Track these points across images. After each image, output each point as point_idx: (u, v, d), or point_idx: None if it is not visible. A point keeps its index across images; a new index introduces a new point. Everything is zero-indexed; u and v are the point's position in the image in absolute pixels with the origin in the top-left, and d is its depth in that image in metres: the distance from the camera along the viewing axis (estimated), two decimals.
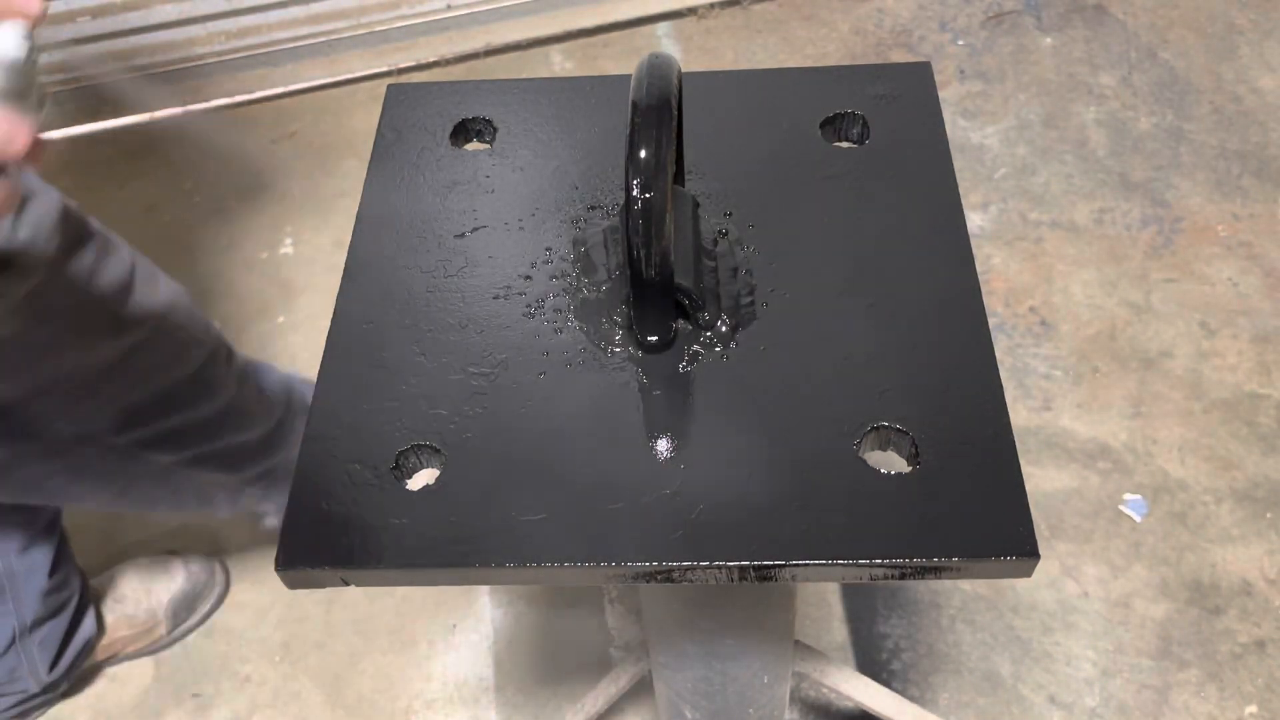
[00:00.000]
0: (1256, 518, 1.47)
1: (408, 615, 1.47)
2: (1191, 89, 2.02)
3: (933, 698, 1.36)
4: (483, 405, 0.58)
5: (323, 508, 0.55)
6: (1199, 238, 1.79)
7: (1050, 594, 1.42)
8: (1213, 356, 1.64)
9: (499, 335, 0.62)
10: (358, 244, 0.67)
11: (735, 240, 0.65)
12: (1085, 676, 1.36)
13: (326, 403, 0.59)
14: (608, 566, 0.52)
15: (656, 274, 0.55)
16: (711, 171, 0.69)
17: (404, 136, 0.73)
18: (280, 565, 0.53)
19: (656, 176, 0.52)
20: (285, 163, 2.10)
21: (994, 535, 0.51)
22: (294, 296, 1.86)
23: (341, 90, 2.22)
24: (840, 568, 0.52)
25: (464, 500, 0.54)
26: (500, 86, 0.76)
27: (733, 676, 0.87)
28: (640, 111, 0.54)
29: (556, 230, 0.67)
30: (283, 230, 1.97)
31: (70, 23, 2.13)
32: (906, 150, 0.69)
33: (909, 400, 0.57)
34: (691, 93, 0.65)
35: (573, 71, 2.22)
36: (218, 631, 1.48)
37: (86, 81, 2.21)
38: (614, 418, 0.57)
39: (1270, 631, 1.38)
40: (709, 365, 0.59)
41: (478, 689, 1.41)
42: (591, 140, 0.72)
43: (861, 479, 0.54)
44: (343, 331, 0.62)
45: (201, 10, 2.16)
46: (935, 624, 1.41)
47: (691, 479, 0.54)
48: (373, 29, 2.25)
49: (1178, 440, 1.55)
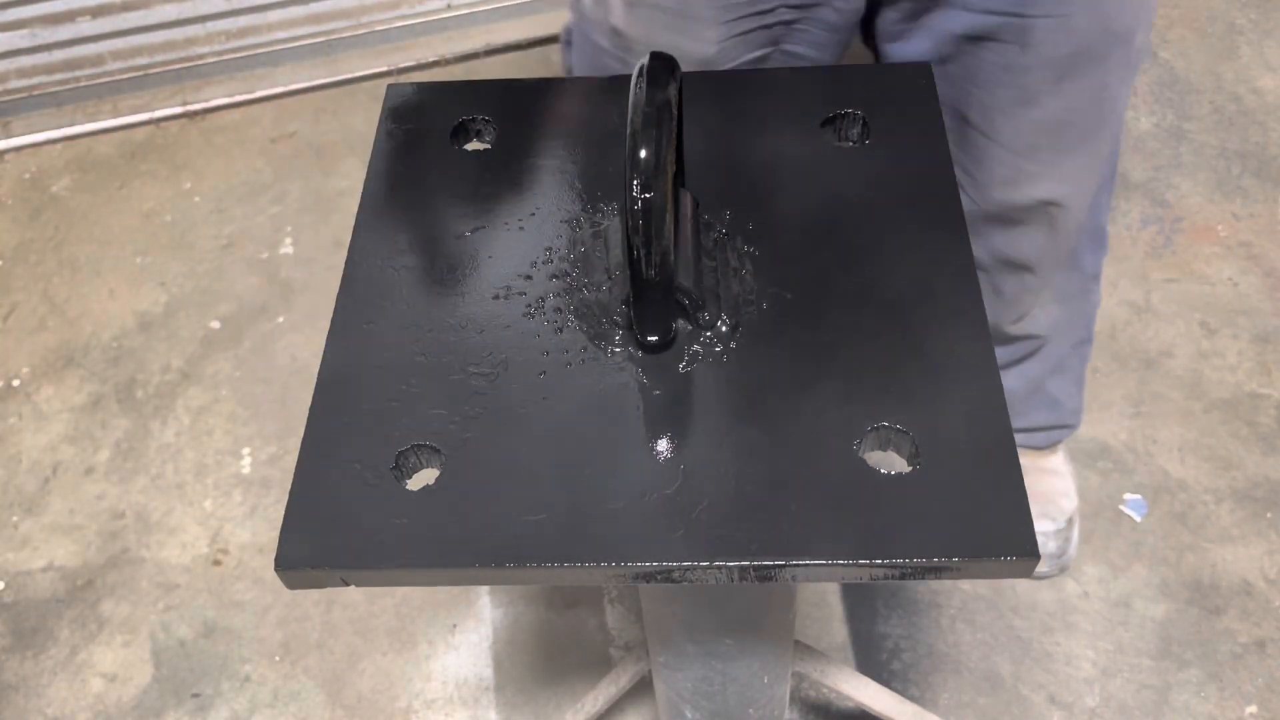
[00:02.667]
0: (1256, 518, 1.47)
1: (408, 615, 1.48)
2: (1191, 89, 2.02)
3: (933, 698, 1.36)
4: (483, 405, 0.58)
5: (322, 508, 0.55)
6: (1199, 238, 1.79)
7: (1050, 594, 1.42)
8: (1213, 356, 1.64)
9: (499, 335, 0.61)
10: (357, 244, 0.67)
11: (735, 240, 0.65)
12: (1085, 676, 1.36)
13: (326, 403, 0.59)
14: (608, 566, 0.52)
15: (656, 274, 0.54)
16: (712, 172, 0.69)
17: (404, 136, 0.73)
18: (280, 565, 0.53)
19: (656, 176, 0.52)
20: (285, 163, 2.10)
21: (994, 535, 0.51)
22: (294, 296, 1.86)
23: (341, 90, 2.23)
24: (840, 568, 0.52)
25: (464, 500, 0.54)
26: (500, 86, 0.76)
27: (733, 676, 0.87)
28: (640, 111, 0.53)
29: (556, 230, 0.67)
30: (283, 230, 1.97)
31: (70, 23, 2.13)
32: (906, 150, 0.69)
33: (909, 400, 0.57)
34: (691, 93, 0.65)
35: None
36: (218, 631, 1.48)
37: (86, 81, 2.21)
38: (614, 418, 0.57)
39: (1270, 631, 1.38)
40: (709, 365, 0.59)
41: (478, 689, 1.41)
42: (591, 140, 0.72)
43: (861, 479, 0.54)
44: (343, 331, 0.62)
45: (201, 10, 2.16)
46: (935, 624, 1.41)
47: (691, 479, 0.54)
48: (373, 29, 2.25)
49: (1178, 440, 1.55)
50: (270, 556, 0.54)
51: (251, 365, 1.77)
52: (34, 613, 1.52)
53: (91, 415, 1.73)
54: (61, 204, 2.06)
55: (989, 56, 0.96)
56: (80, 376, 1.78)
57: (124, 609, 1.51)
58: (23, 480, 1.66)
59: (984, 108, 1.00)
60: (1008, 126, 1.01)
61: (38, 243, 2.00)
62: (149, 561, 1.55)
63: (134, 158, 2.14)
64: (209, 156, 2.12)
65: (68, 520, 1.61)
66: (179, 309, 1.86)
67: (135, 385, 1.76)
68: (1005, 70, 0.96)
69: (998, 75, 0.97)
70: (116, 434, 1.70)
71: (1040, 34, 0.92)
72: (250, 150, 2.13)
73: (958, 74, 0.99)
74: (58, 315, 1.88)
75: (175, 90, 2.24)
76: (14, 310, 1.89)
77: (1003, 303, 1.21)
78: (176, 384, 1.76)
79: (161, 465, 1.66)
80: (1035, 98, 0.98)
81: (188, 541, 1.57)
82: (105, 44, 2.18)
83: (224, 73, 2.24)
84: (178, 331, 1.83)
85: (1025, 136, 1.01)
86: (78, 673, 1.46)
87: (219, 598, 1.51)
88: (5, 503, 1.64)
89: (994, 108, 1.00)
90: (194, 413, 1.71)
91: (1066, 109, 0.99)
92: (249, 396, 1.73)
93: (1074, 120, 1.01)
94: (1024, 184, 1.05)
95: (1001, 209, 1.08)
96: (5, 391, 1.78)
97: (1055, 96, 0.98)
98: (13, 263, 1.97)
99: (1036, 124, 1.00)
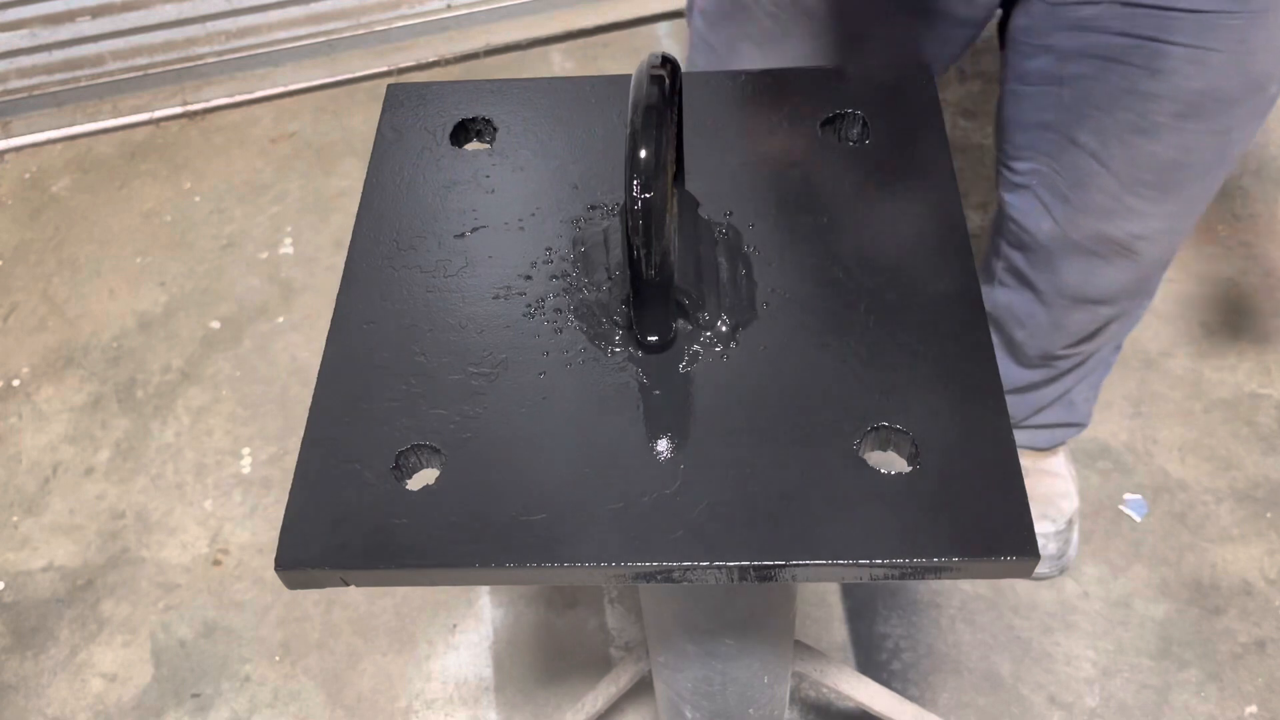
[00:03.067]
0: (1256, 518, 1.47)
1: (408, 615, 1.47)
2: None
3: (933, 698, 1.36)
4: (483, 405, 0.58)
5: (322, 508, 0.55)
6: (1199, 237, 1.79)
7: (1050, 594, 1.42)
8: (1213, 356, 1.64)
9: (499, 335, 0.61)
10: (357, 244, 0.67)
11: (735, 240, 0.65)
12: (1085, 676, 1.36)
13: (326, 403, 0.59)
14: (608, 566, 0.52)
15: (656, 274, 0.54)
16: (711, 171, 0.69)
17: (404, 136, 0.73)
18: (280, 565, 0.53)
19: (656, 176, 0.52)
20: (285, 163, 2.10)
21: (994, 535, 0.51)
22: (294, 296, 1.86)
23: (341, 90, 2.23)
24: (840, 568, 0.52)
25: (464, 500, 0.54)
26: (500, 86, 0.76)
27: (733, 676, 0.87)
28: (640, 111, 0.53)
29: (556, 230, 0.67)
30: (283, 230, 1.97)
31: (70, 22, 2.13)
32: (906, 150, 0.69)
33: (909, 400, 0.57)
34: (691, 93, 0.65)
35: (573, 71, 2.22)
36: (218, 631, 1.48)
37: (86, 81, 2.21)
38: (614, 418, 0.57)
39: (1270, 631, 1.38)
40: (709, 365, 0.59)
41: (478, 689, 1.41)
42: (591, 140, 0.72)
43: (861, 479, 0.54)
44: (343, 331, 0.62)
45: (201, 10, 2.16)
46: (935, 624, 1.41)
47: (691, 479, 0.54)
48: (373, 29, 2.25)
49: (1178, 440, 1.55)
50: (270, 556, 0.54)
51: (251, 365, 1.77)
52: (34, 613, 1.52)
53: (91, 415, 1.73)
54: (61, 204, 2.06)
55: (1114, 79, 0.92)
56: (80, 376, 1.78)
57: (124, 609, 1.51)
58: (23, 480, 1.66)
59: (1100, 130, 0.96)
60: (1121, 153, 0.97)
61: (38, 243, 2.00)
62: (149, 561, 1.55)
63: (134, 158, 2.14)
64: (209, 156, 2.12)
65: (68, 520, 1.61)
66: (179, 309, 1.86)
67: (135, 385, 1.76)
68: (1128, 94, 0.93)
69: (1120, 98, 0.93)
70: (116, 434, 1.70)
71: (1174, 63, 0.89)
72: (250, 150, 2.13)
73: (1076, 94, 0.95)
74: (58, 315, 1.88)
75: (175, 90, 2.24)
76: (14, 310, 1.89)
77: (1062, 334, 1.18)
78: (176, 384, 1.76)
79: (161, 465, 1.66)
80: (1155, 130, 0.94)
81: (188, 541, 1.57)
82: (105, 44, 2.18)
83: (224, 73, 2.24)
84: (178, 331, 1.83)
85: (1137, 168, 0.98)
86: (78, 673, 1.46)
87: (219, 598, 1.51)
88: (5, 503, 1.64)
89: (1111, 132, 0.96)
90: (194, 413, 1.71)
91: (1184, 148, 0.96)
92: (249, 396, 1.73)
93: (1189, 161, 0.97)
94: (1121, 217, 1.02)
95: (1090, 240, 1.05)
96: (5, 391, 1.78)
97: (1175, 133, 0.94)
98: (13, 263, 1.97)
99: (1150, 157, 0.96)
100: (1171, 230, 1.05)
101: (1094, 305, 1.13)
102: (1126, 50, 0.90)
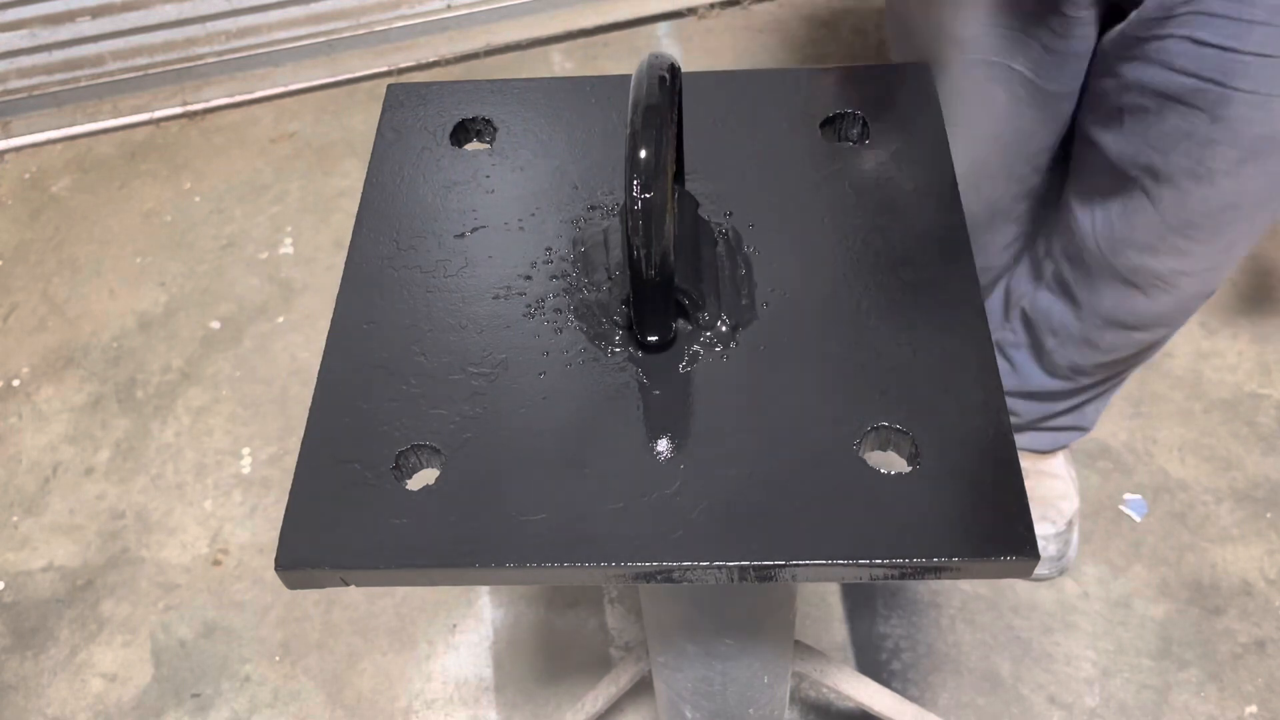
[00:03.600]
0: (1256, 518, 1.47)
1: (408, 615, 1.47)
2: None
3: (933, 698, 1.36)
4: (483, 405, 0.58)
5: (322, 508, 0.55)
6: None
7: (1050, 594, 1.42)
8: (1213, 356, 1.64)
9: (499, 335, 0.61)
10: (357, 244, 0.67)
11: (735, 240, 0.65)
12: (1085, 676, 1.36)
13: (326, 403, 0.59)
14: (608, 566, 0.52)
15: (656, 274, 0.55)
16: (711, 171, 0.69)
17: (404, 136, 0.73)
18: (280, 565, 0.53)
19: (656, 176, 0.52)
20: (285, 163, 2.10)
21: (994, 535, 0.51)
22: (294, 296, 1.86)
23: (341, 90, 2.23)
24: (840, 568, 0.52)
25: (464, 500, 0.54)
26: (500, 86, 0.76)
27: (733, 676, 0.87)
28: (640, 111, 0.53)
29: (556, 230, 0.67)
30: (283, 230, 1.97)
31: (70, 23, 2.13)
32: (906, 150, 0.69)
33: (909, 400, 0.57)
34: (691, 93, 0.65)
35: (573, 71, 2.22)
36: (218, 631, 1.48)
37: (86, 81, 2.21)
38: (614, 418, 0.57)
39: (1270, 631, 1.38)
40: (709, 365, 0.59)
41: (478, 689, 1.41)
42: (591, 140, 0.72)
43: (861, 479, 0.54)
44: (343, 331, 0.62)
45: (201, 10, 2.16)
46: (935, 624, 1.41)
47: (691, 479, 0.54)
48: (373, 29, 2.25)
49: (1178, 440, 1.55)
50: (270, 556, 0.54)
51: (251, 365, 1.77)
52: (34, 613, 1.52)
53: (91, 415, 1.73)
54: (61, 204, 2.06)
55: (1174, 120, 0.90)
56: (80, 376, 1.78)
57: (124, 609, 1.51)
58: (23, 480, 1.66)
59: (1154, 172, 0.94)
60: (1173, 197, 0.95)
61: (38, 243, 2.00)
62: (149, 561, 1.55)
63: (134, 158, 2.14)
64: (209, 156, 2.12)
65: (68, 520, 1.61)
66: (179, 309, 1.86)
67: (135, 385, 1.76)
68: (1186, 138, 0.90)
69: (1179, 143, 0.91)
70: (116, 434, 1.70)
71: (1237, 109, 0.87)
72: (250, 150, 2.13)
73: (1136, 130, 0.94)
74: (58, 315, 1.88)
75: (175, 90, 2.24)
76: (14, 310, 1.89)
77: (1093, 351, 1.17)
78: (176, 384, 1.76)
79: (161, 465, 1.66)
80: (1211, 176, 0.92)
81: (188, 541, 1.57)
82: (105, 44, 2.18)
83: (224, 73, 2.24)
84: (178, 331, 1.83)
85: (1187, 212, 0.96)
86: (78, 673, 1.46)
87: (219, 598, 1.51)
88: (5, 503, 1.64)
89: (1165, 176, 0.94)
90: (194, 413, 1.71)
91: (1238, 191, 0.93)
92: (249, 396, 1.73)
93: (1242, 204, 0.95)
94: (1167, 254, 1.00)
95: (1132, 271, 1.03)
96: (5, 391, 1.78)
97: (1232, 179, 0.92)
98: (13, 263, 1.97)
99: (1202, 202, 0.94)
100: (1215, 267, 1.04)
101: (1128, 330, 1.12)
102: (1189, 92, 0.88)
